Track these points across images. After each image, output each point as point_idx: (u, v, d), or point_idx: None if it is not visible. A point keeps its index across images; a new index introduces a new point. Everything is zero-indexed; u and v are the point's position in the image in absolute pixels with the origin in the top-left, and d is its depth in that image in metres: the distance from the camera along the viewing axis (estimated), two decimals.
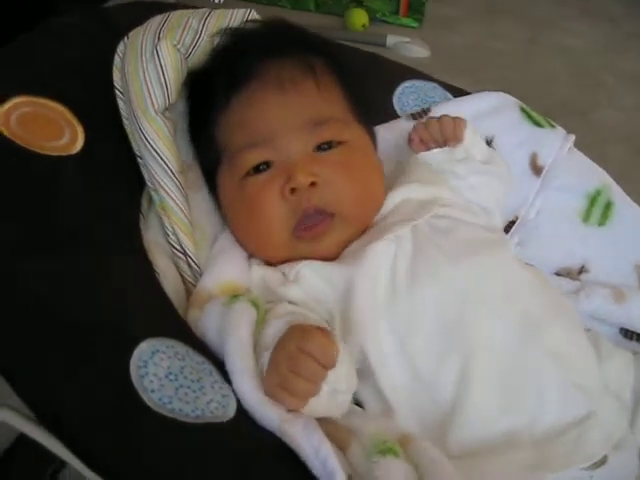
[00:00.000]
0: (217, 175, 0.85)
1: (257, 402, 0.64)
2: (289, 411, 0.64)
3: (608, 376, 0.79)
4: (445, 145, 0.92)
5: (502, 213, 0.98)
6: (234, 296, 0.72)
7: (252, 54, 0.85)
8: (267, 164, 0.81)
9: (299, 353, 0.64)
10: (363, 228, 0.83)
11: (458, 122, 0.93)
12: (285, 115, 0.82)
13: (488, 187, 0.93)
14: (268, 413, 0.63)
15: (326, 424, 0.65)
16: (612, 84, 2.07)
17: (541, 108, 1.83)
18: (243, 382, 0.65)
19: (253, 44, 0.87)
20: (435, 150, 0.92)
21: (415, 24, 2.29)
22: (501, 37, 2.25)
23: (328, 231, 0.80)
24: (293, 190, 0.79)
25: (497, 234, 0.84)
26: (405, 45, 2.13)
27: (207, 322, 0.72)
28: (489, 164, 0.94)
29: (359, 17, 2.23)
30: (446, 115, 0.94)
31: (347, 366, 0.69)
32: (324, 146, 0.82)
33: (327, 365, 0.65)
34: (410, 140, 0.94)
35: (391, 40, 2.14)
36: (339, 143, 0.83)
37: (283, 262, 0.81)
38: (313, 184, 0.79)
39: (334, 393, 0.67)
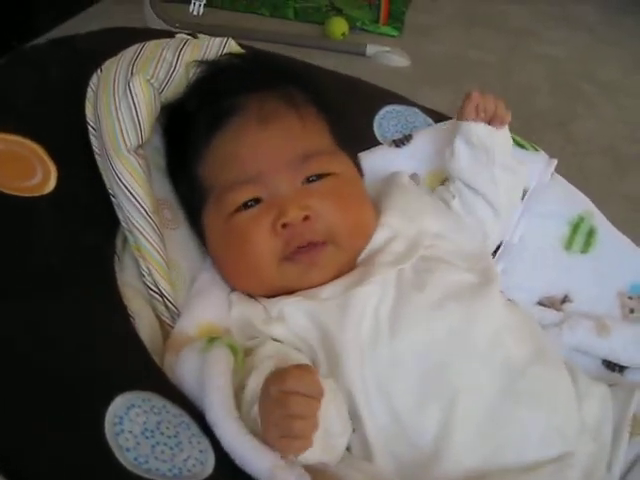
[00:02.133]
0: (202, 213, 0.84)
1: (246, 449, 0.62)
2: (282, 458, 0.62)
3: (586, 415, 0.79)
4: (489, 123, 0.91)
5: (503, 230, 0.97)
6: (210, 340, 0.70)
7: (232, 89, 0.83)
8: (256, 200, 0.80)
9: (284, 395, 0.63)
10: (355, 257, 0.82)
11: (508, 112, 0.92)
12: (271, 151, 0.81)
13: (505, 185, 0.92)
14: (259, 459, 0.61)
15: (314, 473, 0.64)
16: (591, 94, 2.07)
17: (521, 118, 1.82)
18: (229, 431, 0.63)
19: (232, 78, 0.86)
20: (482, 124, 0.90)
21: (395, 33, 2.28)
22: (481, 46, 2.24)
23: (322, 258, 0.79)
24: (285, 225, 0.78)
25: (481, 275, 0.82)
26: (385, 54, 2.12)
27: (184, 370, 0.70)
28: (519, 166, 0.94)
29: (339, 26, 2.21)
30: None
31: (336, 406, 0.68)
32: (312, 178, 0.81)
33: (314, 394, 0.63)
34: (466, 101, 0.92)
35: (371, 49, 2.13)
36: (327, 174, 0.82)
37: (266, 294, 0.80)
38: (306, 218, 0.78)
39: (328, 436, 0.66)
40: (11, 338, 0.62)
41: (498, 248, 1.00)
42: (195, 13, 2.06)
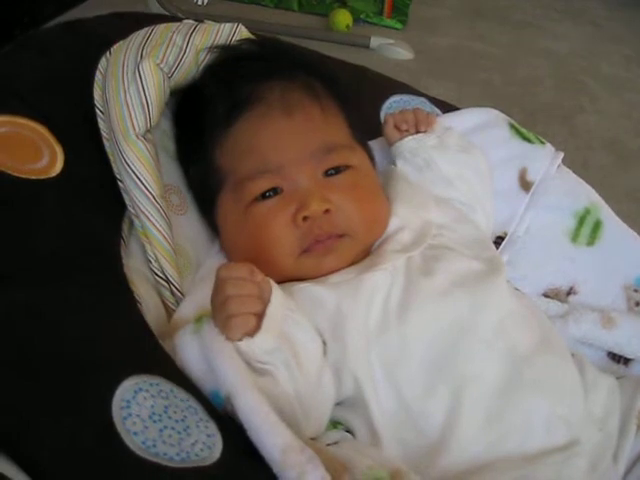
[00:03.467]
0: (217, 199, 0.83)
1: (263, 423, 0.61)
2: (229, 339, 0.64)
3: (593, 406, 0.79)
4: (417, 132, 0.94)
5: (489, 218, 0.97)
6: (198, 319, 0.69)
7: (254, 76, 0.83)
8: (274, 190, 0.80)
9: (219, 282, 0.66)
10: (370, 247, 0.83)
11: (431, 114, 0.96)
12: (295, 143, 0.80)
13: (463, 181, 0.93)
14: (274, 435, 0.60)
15: (320, 456, 0.63)
16: (595, 88, 2.07)
17: (524, 111, 1.84)
18: (244, 401, 0.62)
19: (253, 65, 0.86)
20: (408, 137, 0.94)
21: (399, 25, 2.27)
22: (485, 39, 2.24)
23: (339, 247, 0.79)
24: (305, 218, 0.78)
25: (488, 263, 0.82)
26: (389, 47, 2.11)
27: (184, 355, 0.68)
28: (466, 153, 0.95)
29: (343, 17, 2.21)
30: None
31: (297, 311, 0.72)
32: (331, 171, 0.81)
33: (244, 276, 0.67)
34: (384, 127, 0.96)
35: (375, 42, 2.12)
36: (346, 167, 0.82)
37: (277, 281, 0.79)
38: (327, 211, 0.78)
39: (286, 324, 0.69)
40: (16, 323, 0.61)
41: (502, 240, 1.00)
42: (199, 3, 2.06)
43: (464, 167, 0.94)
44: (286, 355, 0.68)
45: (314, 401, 0.70)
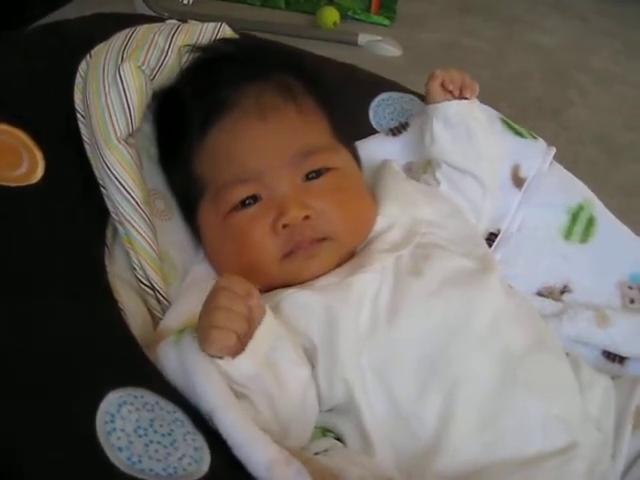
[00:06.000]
0: (198, 208, 0.82)
1: (243, 438, 0.60)
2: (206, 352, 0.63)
3: (589, 405, 0.78)
4: (461, 97, 0.91)
5: (493, 206, 0.96)
6: (180, 331, 0.68)
7: (228, 79, 0.81)
8: (254, 198, 0.78)
9: (214, 290, 0.65)
10: (355, 249, 0.81)
11: (474, 81, 0.94)
12: (271, 148, 0.79)
13: (491, 162, 0.93)
14: (259, 450, 0.59)
15: (310, 467, 0.62)
16: (585, 82, 2.06)
17: (514, 106, 1.83)
18: (226, 417, 0.61)
19: (227, 67, 0.84)
20: (454, 101, 0.91)
21: (387, 22, 2.25)
22: (473, 35, 2.23)
23: (321, 252, 0.78)
24: (285, 226, 0.76)
25: (479, 261, 0.81)
26: (377, 44, 2.10)
27: (165, 366, 0.67)
28: (495, 136, 0.95)
29: (330, 15, 2.19)
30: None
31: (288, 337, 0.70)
32: (312, 174, 0.80)
33: (240, 292, 0.65)
34: (431, 81, 0.92)
35: (363, 39, 2.10)
36: (327, 170, 0.80)
37: (263, 289, 0.78)
38: (306, 217, 0.77)
39: (271, 350, 0.67)
40: None
41: (496, 237, 0.98)
42: (185, 2, 2.04)
43: (495, 148, 0.94)
44: (266, 382, 0.66)
45: (295, 422, 0.69)
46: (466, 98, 0.92)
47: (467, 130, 0.91)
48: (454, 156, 0.91)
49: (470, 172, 0.91)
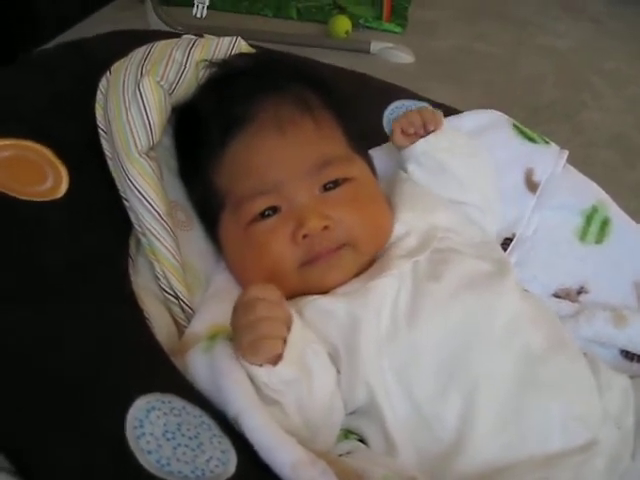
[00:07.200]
0: (219, 220, 0.83)
1: (271, 439, 0.61)
2: (252, 364, 0.64)
3: (609, 405, 0.78)
4: (426, 133, 0.91)
5: (497, 221, 0.97)
6: (211, 337, 0.70)
7: (245, 94, 0.83)
8: (273, 209, 0.80)
9: (250, 302, 0.65)
10: (373, 258, 0.82)
11: (437, 112, 0.94)
12: (290, 160, 0.80)
13: (476, 184, 0.93)
14: (283, 451, 0.61)
15: (334, 468, 0.63)
16: (598, 85, 2.06)
17: (527, 110, 1.83)
18: (252, 420, 0.62)
19: (244, 82, 0.85)
20: (419, 140, 0.91)
21: (399, 29, 2.27)
22: (485, 40, 2.23)
23: (341, 260, 0.79)
24: (305, 236, 0.78)
25: (495, 264, 0.82)
26: (389, 51, 2.11)
27: (194, 372, 0.69)
28: (475, 156, 0.94)
29: (342, 24, 2.21)
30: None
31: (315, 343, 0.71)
32: (330, 185, 0.81)
33: (276, 300, 0.66)
34: (392, 136, 0.93)
35: (375, 46, 2.12)
36: (344, 180, 0.82)
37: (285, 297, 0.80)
38: (325, 228, 0.78)
39: (304, 356, 0.68)
40: (25, 344, 0.62)
41: (511, 242, 0.99)
42: (198, 15, 2.06)
43: (476, 169, 0.94)
44: (301, 388, 0.68)
45: (323, 427, 0.71)
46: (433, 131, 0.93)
47: (438, 164, 0.91)
48: (438, 190, 0.92)
49: (458, 201, 0.92)
